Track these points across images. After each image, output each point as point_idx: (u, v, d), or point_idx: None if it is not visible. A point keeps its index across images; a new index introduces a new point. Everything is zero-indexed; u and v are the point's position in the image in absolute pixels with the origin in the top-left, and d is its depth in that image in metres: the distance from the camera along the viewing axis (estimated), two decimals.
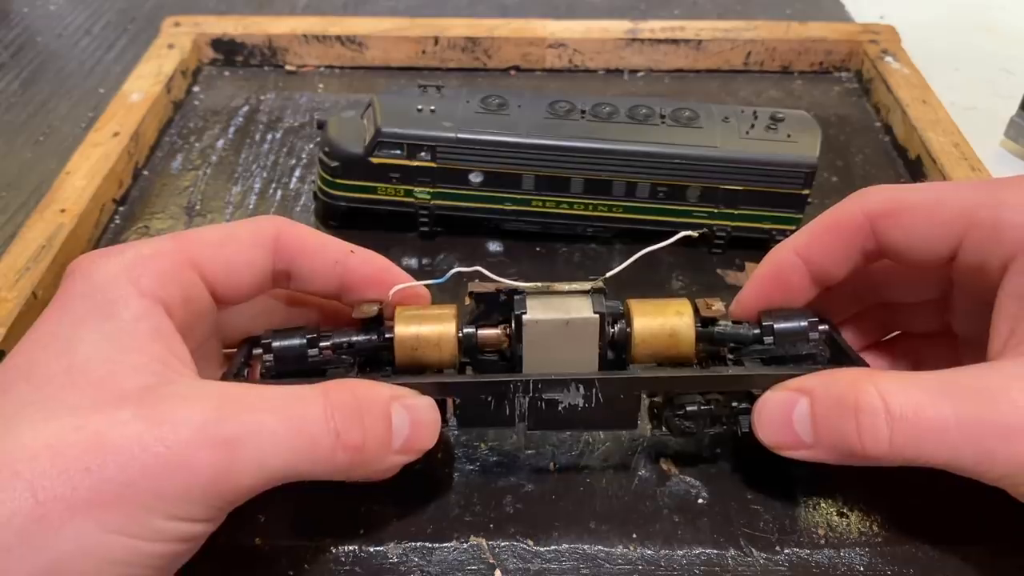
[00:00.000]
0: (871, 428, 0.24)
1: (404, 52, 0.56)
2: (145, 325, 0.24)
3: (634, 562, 0.28)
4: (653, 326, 0.28)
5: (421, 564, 0.28)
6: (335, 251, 0.29)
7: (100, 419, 0.21)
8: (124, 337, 0.23)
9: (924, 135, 0.46)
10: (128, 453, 0.21)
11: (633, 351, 0.29)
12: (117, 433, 0.21)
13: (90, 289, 0.24)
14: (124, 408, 0.22)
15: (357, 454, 0.24)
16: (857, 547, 0.29)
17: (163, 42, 0.54)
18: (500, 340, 0.29)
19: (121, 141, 0.45)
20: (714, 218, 0.40)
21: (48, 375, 0.22)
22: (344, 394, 0.24)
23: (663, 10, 0.65)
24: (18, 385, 0.23)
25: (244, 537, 0.29)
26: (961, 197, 0.27)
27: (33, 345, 0.24)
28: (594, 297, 0.28)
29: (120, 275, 0.25)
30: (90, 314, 0.24)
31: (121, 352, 0.23)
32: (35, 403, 0.22)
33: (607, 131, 0.39)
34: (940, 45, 0.61)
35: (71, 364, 0.23)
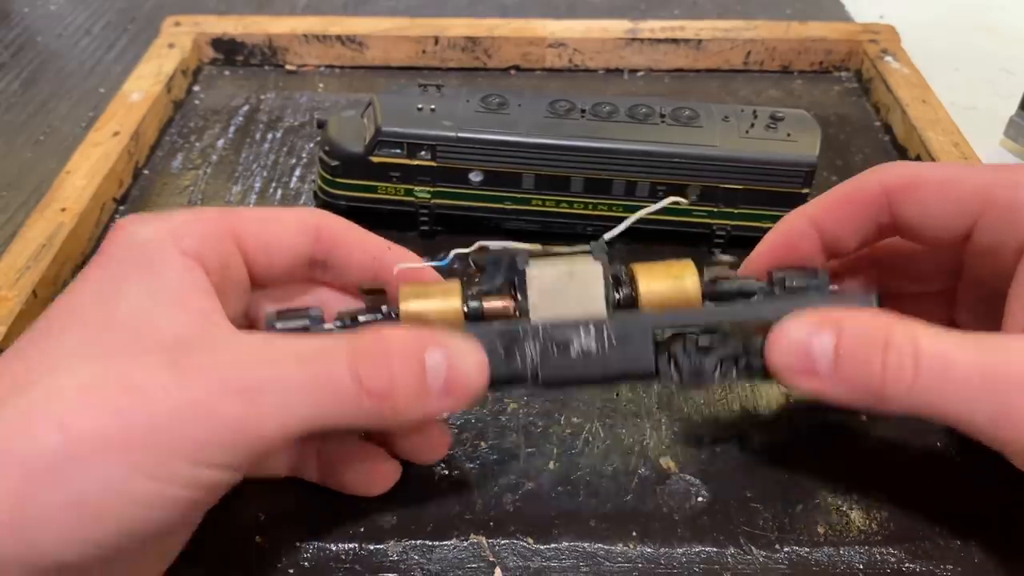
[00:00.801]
0: (896, 366, 0.24)
1: (404, 52, 0.56)
2: (186, 282, 0.25)
3: (634, 560, 0.29)
4: (660, 289, 0.28)
5: (421, 562, 0.28)
6: (374, 246, 0.29)
7: (132, 365, 0.22)
8: (165, 292, 0.24)
9: (924, 135, 0.47)
10: (154, 398, 0.22)
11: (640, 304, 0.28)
12: (146, 378, 0.22)
13: (134, 247, 0.25)
14: (155, 356, 0.23)
15: (385, 400, 0.23)
16: (856, 545, 0.29)
17: (163, 42, 0.54)
18: (506, 310, 0.28)
19: (121, 140, 0.45)
20: (714, 217, 0.40)
21: (89, 323, 0.23)
22: (370, 339, 0.24)
23: (663, 10, 0.65)
24: (60, 331, 0.23)
25: (244, 536, 0.29)
26: (979, 176, 0.27)
27: (77, 296, 0.25)
28: (594, 245, 0.28)
29: (164, 235, 0.25)
30: (133, 270, 0.25)
31: (161, 305, 0.24)
32: (74, 348, 0.23)
33: (607, 130, 0.39)
34: (940, 45, 0.61)
35: (112, 314, 0.23)
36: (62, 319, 0.24)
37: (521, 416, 0.33)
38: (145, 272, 0.25)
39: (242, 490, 0.30)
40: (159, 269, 0.25)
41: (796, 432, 0.33)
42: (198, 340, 0.23)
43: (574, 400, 0.34)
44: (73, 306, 0.24)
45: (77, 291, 0.25)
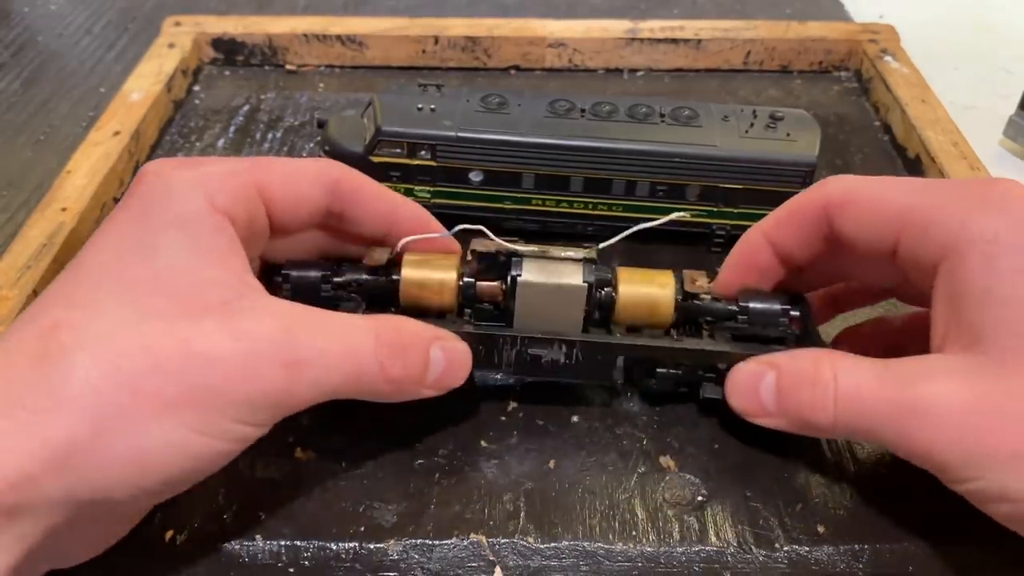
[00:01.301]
0: (821, 400, 0.27)
1: (404, 52, 0.56)
2: (220, 239, 0.26)
3: (634, 559, 0.29)
4: (637, 294, 0.31)
5: (421, 561, 0.28)
6: (390, 200, 0.31)
7: (188, 327, 0.24)
8: (202, 249, 0.26)
9: (923, 134, 0.47)
10: (211, 360, 0.24)
11: (616, 315, 0.31)
12: (203, 342, 0.24)
13: (168, 198, 0.26)
14: (207, 318, 0.24)
15: (395, 385, 0.27)
16: (857, 544, 0.29)
17: (164, 41, 0.54)
18: (496, 293, 0.31)
19: (122, 140, 0.45)
20: (713, 217, 0.40)
21: (136, 279, 0.25)
22: (392, 331, 0.27)
23: (663, 10, 0.65)
24: (109, 285, 0.24)
25: (244, 535, 0.29)
26: (902, 195, 0.28)
27: (118, 247, 0.25)
28: (585, 266, 0.30)
29: (197, 188, 0.27)
30: (170, 223, 0.26)
31: (200, 263, 0.25)
32: (127, 305, 0.24)
33: (607, 130, 0.39)
34: (939, 45, 0.61)
35: (157, 271, 0.25)
36: (108, 270, 0.25)
37: (521, 415, 0.33)
38: (181, 228, 0.26)
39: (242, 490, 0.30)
40: (195, 226, 0.26)
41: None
42: (240, 303, 0.25)
43: (574, 399, 0.34)
44: (119, 258, 0.25)
45: (113, 239, 0.26)
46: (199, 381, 0.23)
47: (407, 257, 0.31)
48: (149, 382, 0.23)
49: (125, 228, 0.26)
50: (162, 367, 0.23)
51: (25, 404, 0.22)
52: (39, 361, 0.23)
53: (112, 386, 0.23)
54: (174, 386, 0.23)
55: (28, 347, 0.23)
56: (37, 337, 0.23)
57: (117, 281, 0.25)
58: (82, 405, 0.22)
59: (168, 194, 0.26)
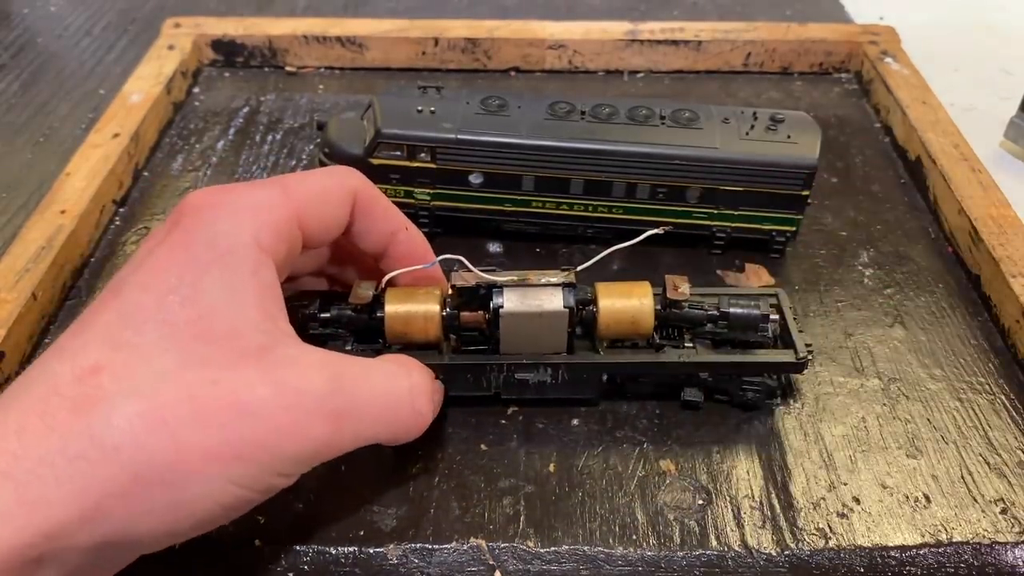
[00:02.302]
0: None
1: (404, 53, 0.56)
2: (260, 280, 0.26)
3: (634, 563, 0.28)
4: (617, 310, 0.31)
5: (421, 565, 0.28)
6: (395, 222, 0.31)
7: (232, 377, 0.24)
8: (242, 291, 0.25)
9: (924, 136, 0.46)
10: (258, 415, 0.23)
11: (598, 331, 0.32)
12: (249, 395, 0.23)
13: (214, 236, 0.26)
14: (250, 367, 0.24)
15: (424, 425, 0.28)
16: (857, 548, 0.29)
17: (163, 43, 0.54)
18: (480, 321, 0.31)
19: (121, 142, 0.45)
20: (714, 219, 0.40)
21: (179, 322, 0.24)
22: (420, 377, 0.28)
23: (663, 11, 0.65)
24: (152, 327, 0.24)
25: (244, 538, 0.29)
26: None
27: (160, 285, 0.25)
28: (565, 291, 0.31)
29: (243, 226, 0.26)
30: (213, 263, 0.25)
31: (240, 307, 0.25)
32: (170, 351, 0.24)
33: (607, 132, 0.39)
34: (940, 46, 0.61)
35: (200, 314, 0.24)
36: (145, 309, 0.24)
37: (521, 418, 0.33)
38: (225, 268, 0.25)
39: None
40: (238, 267, 0.25)
41: (796, 434, 0.33)
42: (279, 351, 0.25)
43: (573, 402, 0.34)
44: (154, 296, 0.24)
45: (157, 277, 0.25)
46: (245, 436, 0.23)
47: (390, 292, 0.31)
48: (193, 435, 0.23)
49: (168, 265, 0.25)
50: (207, 420, 0.23)
51: (66, 451, 0.22)
52: (80, 407, 0.22)
53: (156, 439, 0.22)
54: (218, 440, 0.23)
55: (67, 389, 0.23)
56: (77, 379, 0.23)
57: (160, 323, 0.24)
58: (124, 457, 0.22)
59: (214, 231, 0.26)
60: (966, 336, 0.37)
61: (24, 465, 0.21)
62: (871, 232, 0.43)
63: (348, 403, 0.25)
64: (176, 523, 0.23)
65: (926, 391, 0.35)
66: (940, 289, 0.40)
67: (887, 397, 0.34)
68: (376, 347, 0.32)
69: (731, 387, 0.33)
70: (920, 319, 0.38)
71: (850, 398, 0.34)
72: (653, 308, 0.31)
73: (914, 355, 0.36)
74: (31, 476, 0.21)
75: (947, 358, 0.36)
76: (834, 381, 0.35)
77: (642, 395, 0.34)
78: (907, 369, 0.36)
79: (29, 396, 0.23)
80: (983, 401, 0.34)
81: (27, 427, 0.22)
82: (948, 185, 0.43)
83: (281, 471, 0.24)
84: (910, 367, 0.36)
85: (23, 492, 0.21)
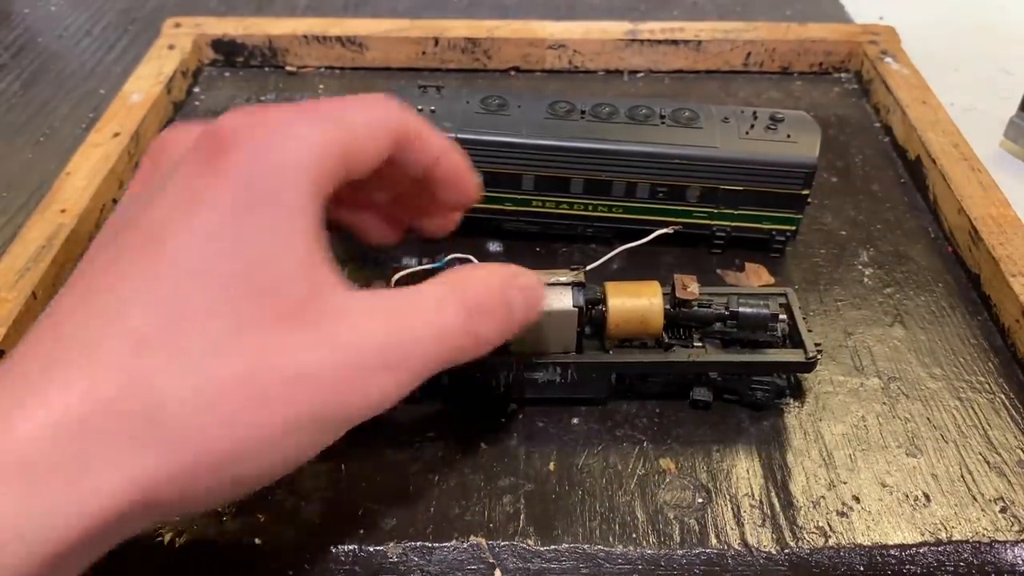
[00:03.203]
0: None
1: (404, 53, 0.56)
2: (309, 224, 0.24)
3: (634, 562, 0.28)
4: (626, 309, 0.31)
5: (421, 564, 0.28)
6: (437, 148, 0.29)
7: (287, 342, 0.22)
8: (291, 237, 0.23)
9: (924, 135, 0.47)
10: (318, 382, 0.22)
11: (608, 331, 0.32)
12: (307, 360, 0.22)
13: (260, 173, 0.23)
14: (305, 327, 0.22)
15: (486, 346, 0.26)
16: (857, 546, 0.29)
17: (164, 43, 0.54)
18: None
19: (121, 141, 0.45)
20: (714, 218, 0.40)
21: (227, 276, 0.22)
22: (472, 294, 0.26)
23: (663, 11, 0.65)
24: (199, 286, 0.22)
25: (244, 537, 0.29)
26: None
27: (202, 231, 0.22)
28: (575, 290, 0.31)
29: (295, 163, 0.23)
30: (260, 205, 0.23)
31: (290, 255, 0.23)
32: (219, 314, 0.22)
33: (607, 131, 0.39)
34: (940, 46, 0.61)
35: (246, 266, 0.22)
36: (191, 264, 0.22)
37: (521, 416, 0.33)
38: (273, 209, 0.23)
39: None
40: (287, 208, 0.23)
41: (796, 433, 0.33)
42: (330, 304, 0.23)
43: (574, 401, 0.34)
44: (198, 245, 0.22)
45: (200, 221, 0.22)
46: (305, 407, 0.22)
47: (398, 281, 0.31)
48: (253, 415, 0.21)
49: (211, 206, 0.22)
50: (266, 396, 0.21)
51: (120, 431, 0.20)
52: (131, 385, 0.20)
53: (214, 417, 0.21)
54: (281, 417, 0.22)
55: (116, 363, 0.21)
56: (130, 353, 0.21)
57: (207, 280, 0.22)
58: (181, 438, 0.21)
59: (262, 167, 0.23)
60: (966, 335, 0.37)
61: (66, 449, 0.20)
62: (871, 231, 0.43)
63: (406, 350, 0.24)
64: (233, 494, 0.23)
65: (926, 390, 0.35)
66: (940, 288, 0.40)
67: (887, 396, 0.34)
68: None
69: (740, 387, 0.33)
70: (920, 318, 0.38)
71: (850, 397, 0.34)
72: (663, 307, 0.31)
73: (914, 354, 0.36)
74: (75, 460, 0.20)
75: (947, 357, 0.36)
76: (834, 380, 0.35)
77: (651, 395, 0.34)
78: (907, 368, 0.36)
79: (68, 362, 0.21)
80: (983, 400, 0.34)
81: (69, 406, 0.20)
82: (948, 185, 0.43)
83: (344, 428, 0.23)
84: (910, 366, 0.36)
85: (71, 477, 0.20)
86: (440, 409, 0.33)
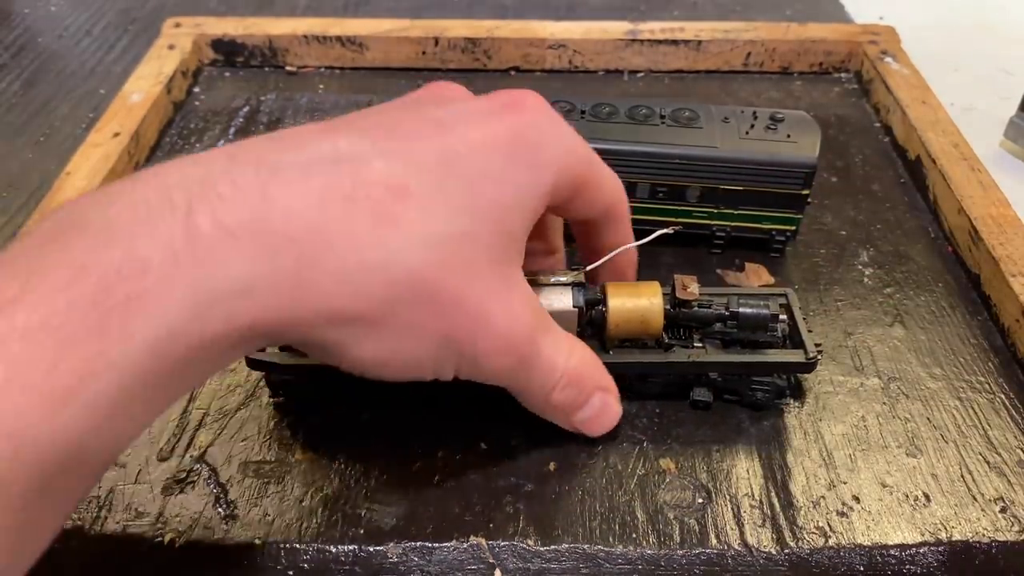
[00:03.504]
0: None
1: (404, 53, 0.56)
2: (540, 204, 0.27)
3: (634, 562, 0.28)
4: (626, 310, 0.31)
5: (421, 564, 0.28)
6: (611, 195, 0.31)
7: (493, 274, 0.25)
8: (532, 202, 0.26)
9: (923, 135, 0.47)
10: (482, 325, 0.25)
11: (608, 331, 0.32)
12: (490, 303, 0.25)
13: (539, 143, 0.26)
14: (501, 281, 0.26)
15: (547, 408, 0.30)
16: (857, 546, 0.29)
17: (164, 43, 0.54)
18: None
19: (121, 142, 0.45)
20: (714, 218, 0.40)
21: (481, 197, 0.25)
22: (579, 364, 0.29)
23: (663, 11, 0.65)
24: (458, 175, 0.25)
25: (244, 537, 0.29)
26: None
27: (480, 153, 0.25)
28: (575, 290, 0.31)
29: (560, 158, 0.27)
30: (528, 165, 0.26)
31: (526, 214, 0.26)
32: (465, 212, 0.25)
33: (607, 131, 0.39)
34: (939, 46, 0.61)
35: (498, 198, 0.25)
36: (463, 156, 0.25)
37: (521, 417, 0.33)
38: (533, 173, 0.26)
39: (242, 492, 0.30)
40: (539, 180, 0.26)
41: (796, 433, 0.33)
42: (515, 277, 0.27)
43: None
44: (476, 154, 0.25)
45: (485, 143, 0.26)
46: (464, 330, 0.25)
47: None
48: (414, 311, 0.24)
49: (495, 142, 0.26)
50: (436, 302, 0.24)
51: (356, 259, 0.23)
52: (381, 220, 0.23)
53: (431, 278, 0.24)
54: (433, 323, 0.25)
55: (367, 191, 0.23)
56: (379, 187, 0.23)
57: (467, 182, 0.25)
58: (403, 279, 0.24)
59: (542, 141, 0.26)
60: (966, 335, 0.37)
61: None
62: (871, 231, 0.43)
63: (532, 352, 0.27)
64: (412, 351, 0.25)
65: (926, 390, 0.35)
66: (940, 288, 0.40)
67: (887, 396, 0.34)
68: None
69: (740, 387, 0.33)
70: (920, 318, 0.38)
71: (850, 397, 0.34)
72: (663, 308, 0.31)
73: (914, 354, 0.36)
74: None
75: (947, 357, 0.36)
76: (834, 380, 0.35)
77: (651, 395, 0.34)
78: (907, 368, 0.36)
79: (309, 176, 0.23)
80: (983, 400, 0.34)
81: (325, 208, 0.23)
82: (948, 185, 0.43)
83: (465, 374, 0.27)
84: (910, 366, 0.36)
85: None
86: (440, 409, 0.33)
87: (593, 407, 0.30)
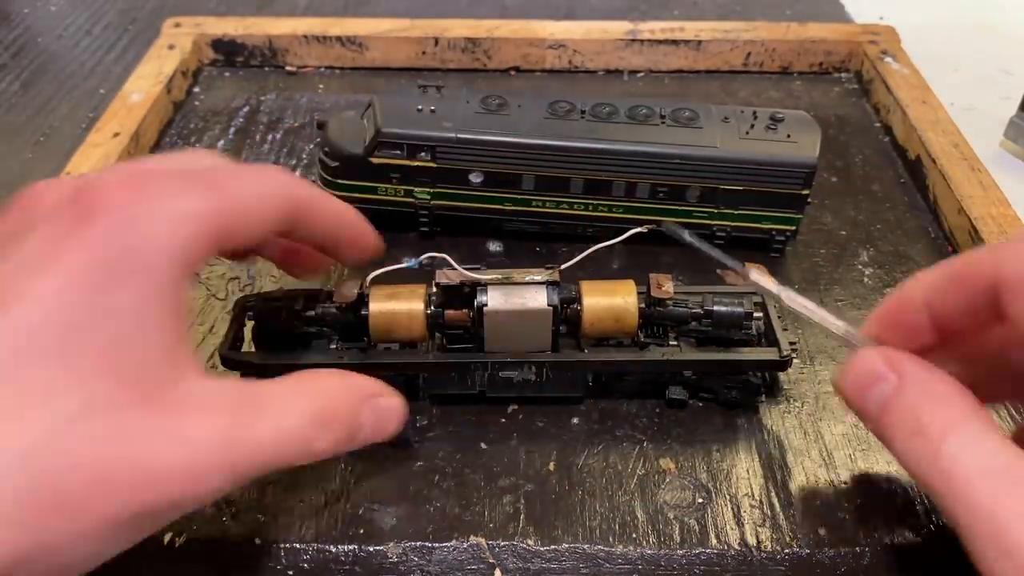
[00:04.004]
0: (918, 451, 0.24)
1: (404, 53, 0.56)
2: (175, 301, 0.23)
3: (634, 562, 0.28)
4: (601, 308, 0.31)
5: (421, 564, 0.28)
6: (333, 217, 0.29)
7: (137, 429, 0.21)
8: (156, 313, 0.22)
9: (924, 135, 0.47)
10: (159, 477, 0.22)
11: (583, 329, 0.32)
12: (152, 453, 0.21)
13: (132, 245, 0.22)
14: (155, 413, 0.22)
15: (320, 457, 0.25)
16: (858, 547, 0.29)
17: (164, 43, 0.54)
18: (464, 320, 0.31)
19: (121, 141, 0.45)
20: (714, 218, 0.40)
21: (83, 352, 0.21)
22: (320, 404, 0.25)
23: (663, 11, 0.65)
24: (52, 357, 0.21)
25: (244, 537, 0.29)
26: None
27: (64, 301, 0.21)
28: (549, 289, 0.31)
29: (168, 236, 0.23)
30: (129, 278, 0.22)
31: (153, 332, 0.22)
32: (72, 390, 0.21)
33: (607, 131, 0.39)
34: (939, 46, 0.61)
35: (107, 342, 0.21)
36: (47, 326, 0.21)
37: (521, 417, 0.33)
38: (141, 283, 0.22)
39: (242, 492, 0.30)
40: (156, 283, 0.23)
41: (796, 433, 0.33)
42: (182, 386, 0.23)
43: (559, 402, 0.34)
44: (58, 309, 0.21)
45: (63, 286, 0.21)
46: (146, 499, 0.21)
47: (374, 291, 0.31)
48: (91, 505, 0.21)
49: (76, 275, 0.21)
50: (107, 487, 0.21)
51: None
52: None
53: (46, 508, 0.20)
54: (116, 508, 0.21)
55: None
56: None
57: (63, 351, 0.21)
58: (7, 529, 0.19)
59: (134, 239, 0.22)
60: None
61: None
62: (871, 231, 0.43)
63: (242, 449, 0.23)
64: None
65: None
66: None
67: None
68: (361, 345, 0.32)
69: (715, 385, 0.33)
70: None
71: None
72: (637, 306, 0.31)
73: None
74: None
75: None
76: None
77: (627, 393, 0.34)
78: None
79: None
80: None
81: None
82: (948, 184, 0.43)
83: (170, 519, 0.23)
84: None
85: None
86: (440, 410, 0.33)
87: (366, 424, 0.26)
